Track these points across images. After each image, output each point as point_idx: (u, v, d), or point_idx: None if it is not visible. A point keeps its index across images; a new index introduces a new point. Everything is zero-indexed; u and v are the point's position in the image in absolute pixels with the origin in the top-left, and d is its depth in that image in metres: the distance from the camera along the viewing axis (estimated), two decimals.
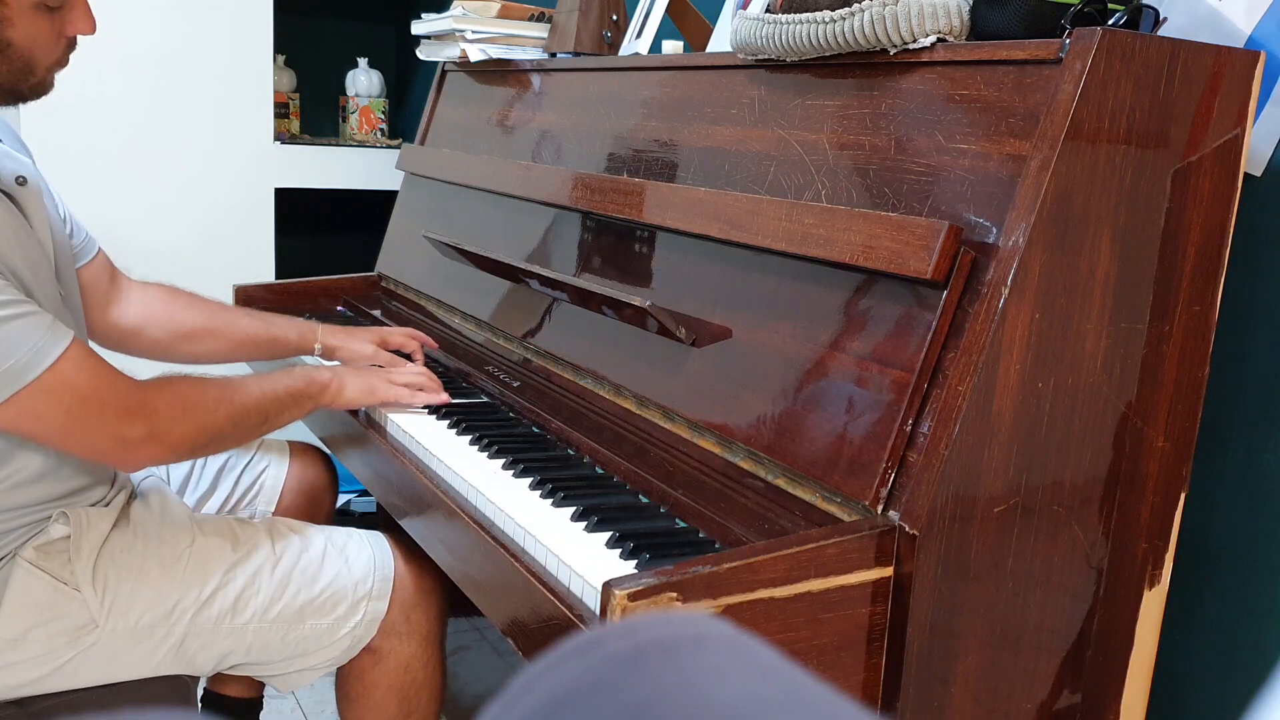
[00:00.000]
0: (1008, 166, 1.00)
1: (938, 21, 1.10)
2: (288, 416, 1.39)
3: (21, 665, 1.23)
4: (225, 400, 1.30)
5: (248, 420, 1.33)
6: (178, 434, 1.25)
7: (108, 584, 1.27)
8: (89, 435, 1.19)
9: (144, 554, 1.31)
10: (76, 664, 1.25)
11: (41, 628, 1.23)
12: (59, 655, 1.24)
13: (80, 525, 1.29)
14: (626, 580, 0.89)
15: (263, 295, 2.11)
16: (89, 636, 1.25)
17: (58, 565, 1.26)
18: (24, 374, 1.14)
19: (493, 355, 1.70)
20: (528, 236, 1.70)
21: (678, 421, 1.26)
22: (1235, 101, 1.03)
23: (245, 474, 1.64)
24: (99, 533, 1.30)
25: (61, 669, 1.25)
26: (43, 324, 1.16)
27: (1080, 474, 1.03)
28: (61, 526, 1.28)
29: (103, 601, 1.26)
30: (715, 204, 1.26)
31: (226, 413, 1.30)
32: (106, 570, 1.28)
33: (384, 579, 1.42)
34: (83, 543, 1.28)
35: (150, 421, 1.22)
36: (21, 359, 1.14)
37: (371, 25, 3.41)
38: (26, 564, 1.24)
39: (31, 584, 1.24)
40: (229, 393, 1.31)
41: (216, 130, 2.68)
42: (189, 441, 1.27)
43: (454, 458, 1.33)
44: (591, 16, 1.85)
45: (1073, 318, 0.99)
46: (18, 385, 1.14)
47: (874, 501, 0.98)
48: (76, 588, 1.25)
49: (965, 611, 1.00)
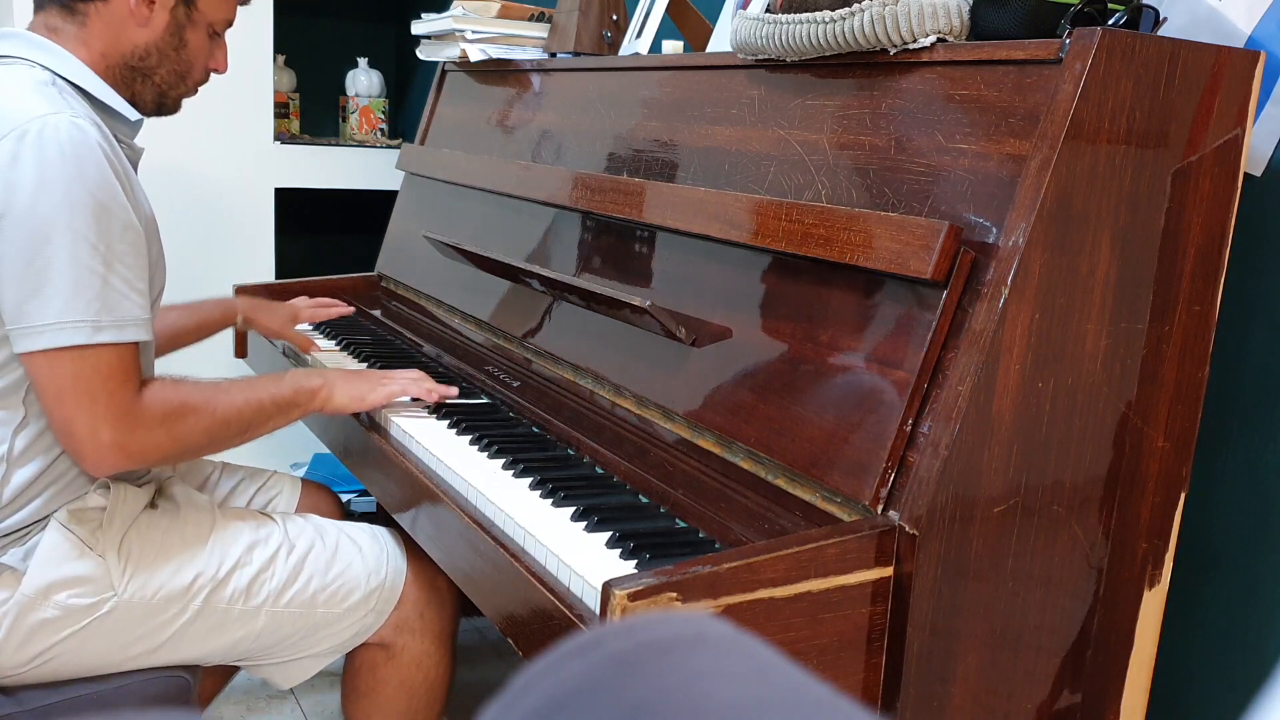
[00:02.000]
0: (1008, 166, 1.00)
1: (938, 21, 1.10)
2: (272, 425, 1.40)
3: (39, 630, 1.25)
4: (208, 413, 1.31)
5: (226, 432, 1.33)
6: (150, 446, 1.26)
7: (131, 555, 1.30)
8: (73, 413, 1.20)
9: (167, 530, 1.35)
10: (89, 634, 1.27)
11: (63, 588, 1.26)
12: (74, 620, 1.26)
13: (118, 498, 1.33)
14: (626, 580, 0.89)
15: (263, 295, 2.11)
16: (106, 604, 1.27)
17: (88, 531, 1.29)
18: (98, 333, 1.19)
19: (493, 355, 1.70)
20: (528, 236, 1.70)
21: (678, 421, 1.26)
22: (1235, 101, 1.03)
23: (258, 497, 1.66)
24: (132, 508, 1.34)
25: (74, 637, 1.26)
26: (141, 312, 1.24)
27: (1080, 474, 1.03)
28: (99, 497, 1.32)
29: (124, 571, 1.29)
30: (715, 204, 1.26)
31: (205, 426, 1.31)
32: (132, 542, 1.31)
33: (396, 571, 1.43)
34: (116, 515, 1.31)
35: (128, 432, 1.22)
36: (105, 321, 1.19)
37: (371, 25, 3.41)
38: (59, 524, 1.28)
39: (60, 543, 1.27)
40: (213, 406, 1.31)
41: (216, 130, 2.68)
42: (159, 454, 1.28)
43: (454, 458, 1.33)
44: (591, 16, 1.85)
45: (1073, 318, 0.99)
46: (93, 339, 1.19)
47: (874, 501, 0.98)
48: (101, 554, 1.29)
49: (965, 611, 1.00)
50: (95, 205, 1.19)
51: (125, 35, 1.34)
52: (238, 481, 1.66)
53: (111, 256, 1.21)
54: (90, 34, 1.33)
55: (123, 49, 1.35)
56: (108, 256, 1.20)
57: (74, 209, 1.18)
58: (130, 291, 1.23)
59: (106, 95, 1.33)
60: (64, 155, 1.18)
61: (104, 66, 1.34)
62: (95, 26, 1.33)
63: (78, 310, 1.18)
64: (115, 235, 1.21)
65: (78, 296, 1.18)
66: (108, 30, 1.33)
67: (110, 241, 1.20)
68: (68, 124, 1.20)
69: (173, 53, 1.38)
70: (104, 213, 1.20)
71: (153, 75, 1.38)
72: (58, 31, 1.32)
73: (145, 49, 1.36)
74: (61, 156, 1.18)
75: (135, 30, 1.35)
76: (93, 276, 1.19)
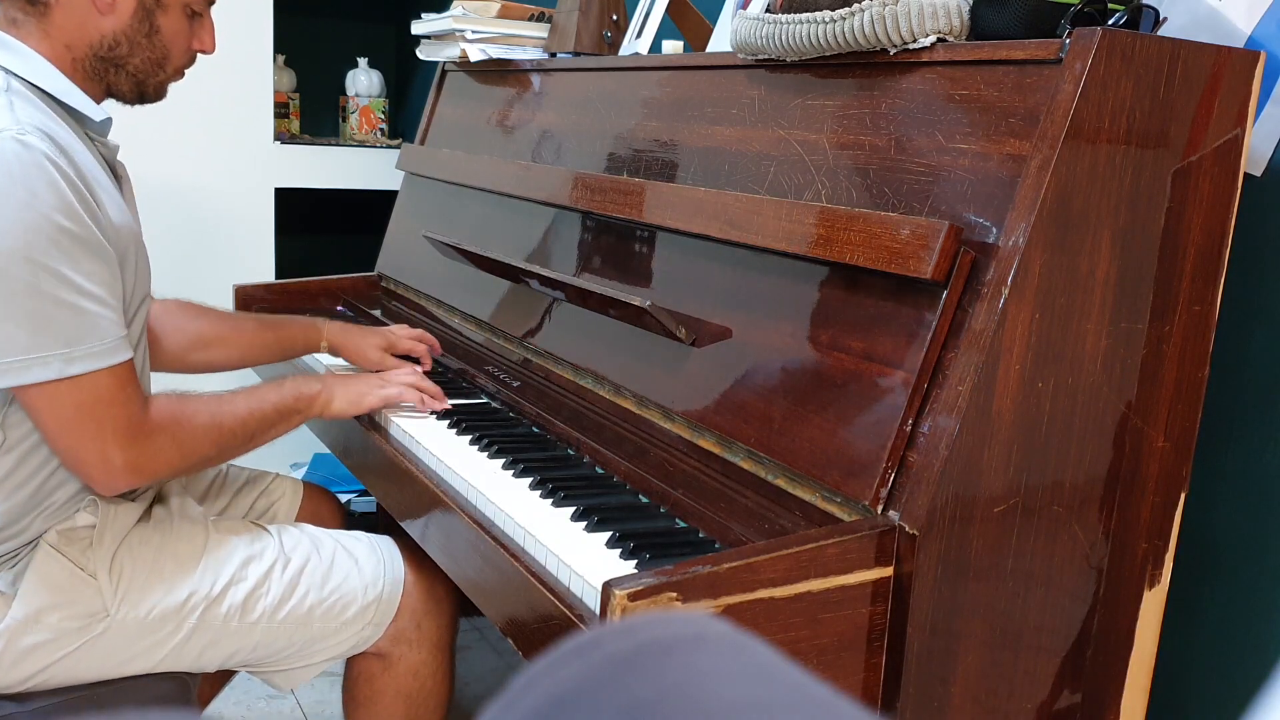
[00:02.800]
0: (1008, 166, 1.00)
1: (938, 21, 1.10)
2: (275, 433, 1.39)
3: (31, 653, 1.24)
4: (214, 427, 1.30)
5: (232, 442, 1.33)
6: (160, 463, 1.25)
7: (123, 574, 1.29)
8: (81, 441, 1.19)
9: (160, 548, 1.33)
10: (83, 654, 1.26)
11: (54, 611, 1.24)
12: (68, 642, 1.25)
13: (107, 516, 1.30)
14: (626, 580, 0.89)
15: (263, 295, 2.11)
16: (99, 625, 1.26)
17: (78, 551, 1.27)
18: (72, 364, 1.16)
19: (493, 355, 1.70)
20: (528, 236, 1.70)
21: (678, 421, 1.26)
22: (1235, 101, 1.03)
23: (260, 500, 1.65)
24: (123, 525, 1.32)
25: (68, 658, 1.25)
26: (116, 330, 1.19)
27: (1080, 474, 1.03)
28: (88, 515, 1.30)
29: (116, 590, 1.27)
30: (715, 204, 1.26)
31: (214, 439, 1.30)
32: (124, 561, 1.29)
33: (394, 583, 1.42)
34: (106, 533, 1.29)
35: (139, 451, 1.22)
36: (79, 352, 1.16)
37: (371, 25, 3.41)
38: (48, 546, 1.26)
39: (50, 566, 1.25)
40: (218, 418, 1.31)
41: (216, 130, 2.68)
42: (170, 469, 1.28)
43: (454, 458, 1.33)
44: (591, 16, 1.85)
45: (1073, 318, 0.99)
46: (62, 373, 1.15)
47: (874, 501, 0.98)
48: (93, 575, 1.27)
49: (965, 611, 1.00)
50: (52, 229, 1.13)
51: (90, 25, 1.28)
52: (240, 486, 1.65)
53: (79, 277, 1.15)
54: (52, 25, 1.26)
55: (89, 39, 1.28)
56: (74, 280, 1.15)
57: (30, 237, 1.12)
58: (105, 310, 1.18)
59: (69, 95, 1.27)
60: (12, 180, 1.12)
61: (70, 60, 1.28)
62: (57, 17, 1.26)
63: (46, 343, 1.14)
64: (79, 255, 1.16)
65: (46, 329, 1.14)
66: (70, 21, 1.27)
67: (76, 262, 1.15)
68: (11, 145, 1.13)
69: (144, 40, 1.31)
70: (63, 235, 1.14)
71: (125, 65, 1.32)
72: (18, 25, 1.26)
73: (114, 38, 1.29)
74: (10, 181, 1.12)
75: (99, 19, 1.28)
76: (58, 307, 1.14)
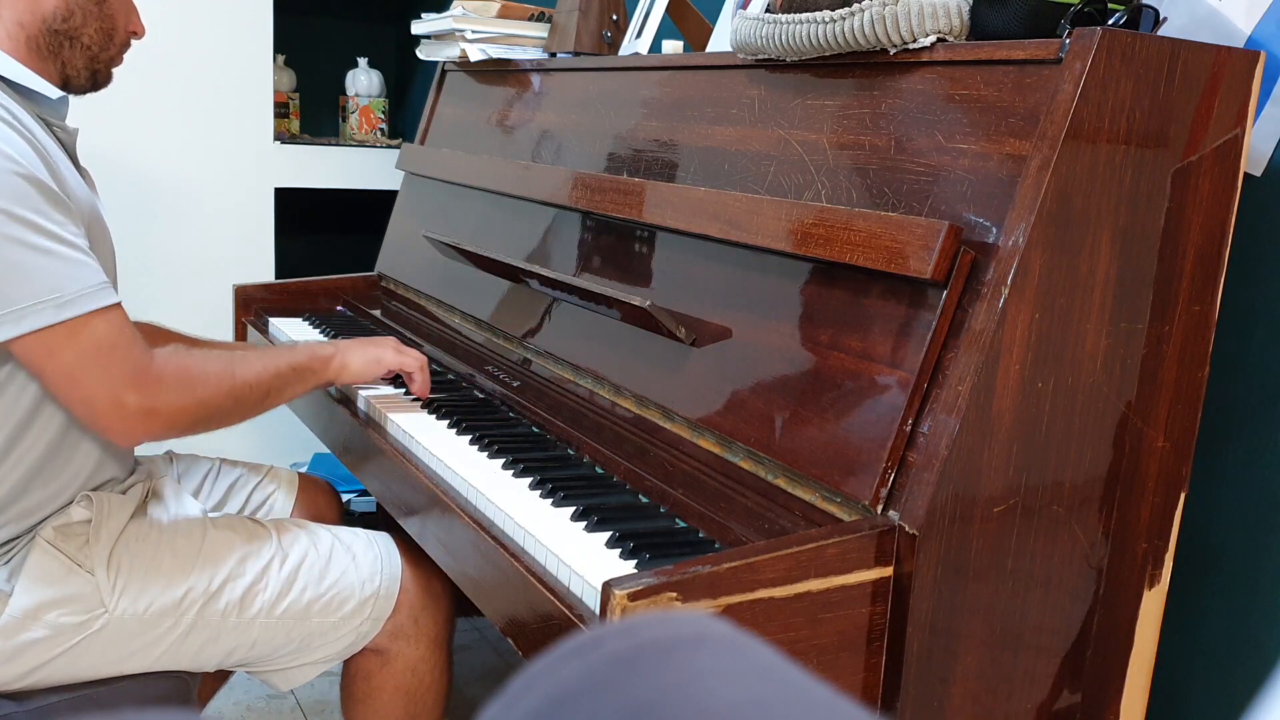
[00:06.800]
0: (1008, 166, 1.00)
1: (938, 21, 1.10)
2: (290, 393, 1.38)
3: (28, 649, 1.24)
4: (228, 376, 1.28)
5: (250, 397, 1.31)
6: (177, 409, 1.23)
7: (120, 570, 1.28)
8: (91, 389, 1.18)
9: (158, 543, 1.32)
10: (80, 650, 1.26)
11: (52, 608, 1.24)
12: (65, 639, 1.25)
13: (102, 510, 1.30)
14: (626, 580, 0.89)
15: (262, 295, 2.11)
16: (97, 621, 1.26)
17: (75, 547, 1.27)
18: (64, 309, 1.15)
19: (493, 355, 1.70)
20: (528, 236, 1.70)
21: (678, 421, 1.26)
22: (1235, 101, 1.03)
23: (255, 493, 1.65)
24: (119, 520, 1.31)
25: (66, 654, 1.25)
26: (99, 275, 1.19)
27: (1080, 474, 1.03)
28: (83, 510, 1.29)
29: (114, 586, 1.27)
30: (715, 204, 1.26)
31: (229, 389, 1.28)
32: (121, 556, 1.29)
33: (391, 578, 1.42)
34: (102, 528, 1.29)
35: (153, 395, 1.20)
36: (68, 295, 1.15)
37: (371, 25, 3.41)
38: (45, 543, 1.26)
39: (47, 563, 1.25)
40: (232, 368, 1.29)
41: (216, 130, 2.68)
42: (188, 417, 1.25)
43: (454, 457, 1.33)
44: (591, 16, 1.85)
45: (1073, 318, 0.99)
46: (55, 318, 1.15)
47: (874, 501, 0.98)
48: (91, 570, 1.26)
49: (965, 611, 1.00)
50: (19, 181, 1.14)
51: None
52: (235, 479, 1.64)
53: (53, 225, 1.15)
54: (3, 4, 1.27)
55: (42, 12, 1.29)
56: (48, 227, 1.15)
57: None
58: (85, 256, 1.18)
59: (21, 75, 1.27)
60: None
61: (24, 38, 1.29)
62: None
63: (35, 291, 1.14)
64: (49, 206, 1.16)
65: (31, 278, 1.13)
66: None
67: (46, 212, 1.15)
68: None
69: (94, 8, 1.32)
70: (30, 185, 1.15)
71: (80, 36, 1.32)
72: None
73: (66, 8, 1.30)
74: None
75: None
76: (38, 254, 1.14)
